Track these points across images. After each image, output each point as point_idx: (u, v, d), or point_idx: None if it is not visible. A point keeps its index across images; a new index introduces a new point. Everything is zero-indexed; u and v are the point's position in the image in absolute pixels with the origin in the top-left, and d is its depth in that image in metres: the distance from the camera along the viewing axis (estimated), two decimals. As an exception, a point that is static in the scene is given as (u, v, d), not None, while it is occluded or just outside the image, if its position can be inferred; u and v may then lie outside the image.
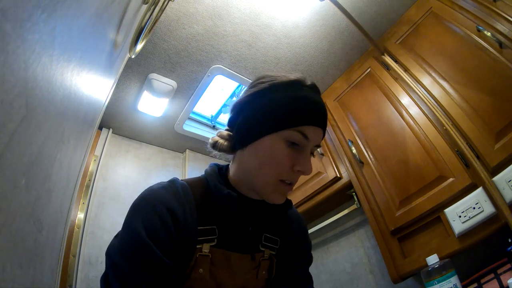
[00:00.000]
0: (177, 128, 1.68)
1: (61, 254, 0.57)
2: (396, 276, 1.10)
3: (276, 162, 0.52)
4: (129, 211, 0.51)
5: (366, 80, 1.38)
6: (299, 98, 0.54)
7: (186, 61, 1.34)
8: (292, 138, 0.52)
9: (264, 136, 0.53)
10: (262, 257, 0.60)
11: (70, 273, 1.13)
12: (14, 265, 0.24)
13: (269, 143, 0.53)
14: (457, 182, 0.98)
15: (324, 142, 1.54)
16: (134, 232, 0.47)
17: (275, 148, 0.52)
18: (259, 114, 0.54)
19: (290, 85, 0.56)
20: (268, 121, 0.53)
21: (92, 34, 0.39)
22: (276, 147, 0.52)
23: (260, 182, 0.54)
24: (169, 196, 0.52)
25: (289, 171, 0.53)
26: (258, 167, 0.54)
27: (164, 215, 0.49)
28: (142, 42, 0.67)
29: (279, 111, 0.52)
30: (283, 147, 0.52)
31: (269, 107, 0.54)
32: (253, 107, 0.56)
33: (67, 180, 0.49)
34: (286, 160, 0.52)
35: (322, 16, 1.26)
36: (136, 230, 0.47)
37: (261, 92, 0.56)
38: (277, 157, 0.52)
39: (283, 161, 0.52)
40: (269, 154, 0.53)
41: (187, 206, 0.53)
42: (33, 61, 0.22)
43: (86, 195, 1.34)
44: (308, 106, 0.53)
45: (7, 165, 0.20)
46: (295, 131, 0.52)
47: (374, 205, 1.23)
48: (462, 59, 1.05)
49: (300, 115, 0.52)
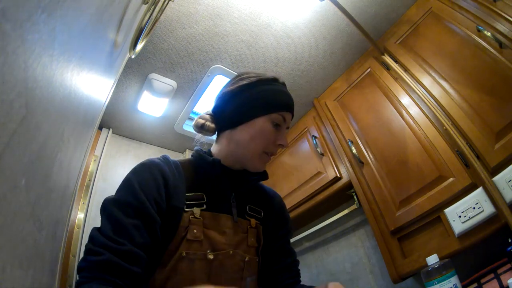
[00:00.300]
0: (177, 128, 1.68)
1: (61, 254, 0.57)
2: (396, 276, 1.10)
3: (265, 137, 0.67)
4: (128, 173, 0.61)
5: (366, 80, 1.38)
6: (281, 91, 0.71)
7: (186, 61, 1.34)
8: (277, 120, 0.68)
9: (256, 118, 0.68)
10: (249, 225, 0.70)
11: (70, 273, 1.13)
12: (14, 265, 0.24)
13: (260, 123, 0.68)
14: (457, 182, 0.98)
15: (324, 142, 1.54)
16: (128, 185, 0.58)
17: (264, 126, 0.68)
18: (251, 101, 0.69)
19: (272, 81, 0.72)
20: (260, 106, 0.68)
21: (92, 34, 0.39)
22: (265, 126, 0.68)
23: (249, 152, 0.68)
24: (162, 163, 0.64)
25: (272, 144, 0.69)
26: (248, 141, 0.67)
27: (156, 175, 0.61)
28: (142, 42, 0.67)
29: (269, 99, 0.69)
30: (270, 126, 0.68)
31: (260, 95, 0.69)
32: (245, 95, 0.70)
33: (67, 180, 0.49)
34: (272, 136, 0.68)
35: (322, 16, 1.26)
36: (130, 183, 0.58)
37: (250, 84, 0.70)
38: (266, 133, 0.67)
39: (269, 136, 0.68)
40: (259, 131, 0.67)
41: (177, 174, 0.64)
42: (33, 61, 0.22)
43: (86, 195, 1.34)
44: (286, 98, 0.71)
45: (7, 165, 0.20)
46: (279, 115, 0.68)
47: (374, 205, 1.23)
48: (462, 59, 1.05)
49: (283, 103, 0.70)
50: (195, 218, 0.60)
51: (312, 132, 1.62)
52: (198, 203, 0.63)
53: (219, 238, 0.62)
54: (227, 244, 0.63)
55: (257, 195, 0.78)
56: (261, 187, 0.82)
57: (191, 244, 0.58)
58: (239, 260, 0.64)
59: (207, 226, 0.62)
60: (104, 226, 0.53)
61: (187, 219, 0.60)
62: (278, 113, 0.68)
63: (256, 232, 0.71)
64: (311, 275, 1.73)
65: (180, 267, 0.57)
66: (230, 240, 0.64)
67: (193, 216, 0.60)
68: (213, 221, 0.63)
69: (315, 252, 1.74)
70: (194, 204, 0.62)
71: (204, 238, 0.60)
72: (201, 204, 0.63)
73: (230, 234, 0.65)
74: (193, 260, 0.58)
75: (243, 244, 0.67)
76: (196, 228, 0.60)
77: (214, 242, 0.61)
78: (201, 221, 0.61)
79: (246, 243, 0.67)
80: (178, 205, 0.60)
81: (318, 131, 1.59)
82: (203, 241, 0.60)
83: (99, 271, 0.48)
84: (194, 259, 0.58)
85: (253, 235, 0.70)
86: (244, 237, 0.68)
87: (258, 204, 0.76)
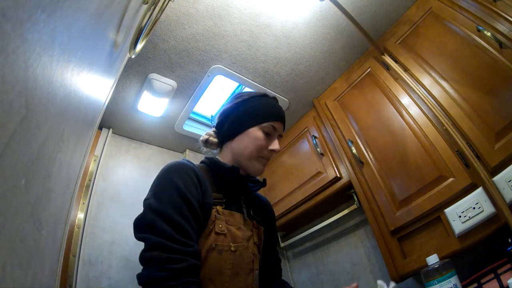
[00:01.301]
0: (177, 128, 1.68)
1: (61, 254, 0.57)
2: (396, 276, 1.10)
3: (258, 144, 0.78)
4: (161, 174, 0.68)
5: (366, 80, 1.38)
6: (270, 104, 0.83)
7: (186, 61, 1.34)
8: (267, 129, 0.79)
9: (249, 128, 0.79)
10: (253, 225, 0.80)
11: (70, 273, 1.13)
12: (14, 265, 0.24)
13: (253, 132, 0.79)
14: (457, 182, 0.98)
15: (324, 142, 1.54)
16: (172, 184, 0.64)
17: (257, 135, 0.79)
18: (245, 115, 0.81)
19: (263, 96, 0.85)
20: (251, 118, 0.80)
21: (92, 34, 0.39)
22: (258, 134, 0.79)
23: (247, 157, 0.78)
24: (192, 165, 0.72)
25: (265, 150, 0.79)
26: (245, 148, 0.78)
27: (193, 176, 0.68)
28: (142, 42, 0.67)
29: (259, 112, 0.80)
30: (262, 135, 0.79)
31: (252, 110, 0.81)
32: (239, 110, 0.82)
33: (67, 180, 0.49)
34: (264, 142, 0.79)
35: (322, 16, 1.26)
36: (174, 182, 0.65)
37: (244, 101, 0.83)
38: (258, 140, 0.78)
39: (262, 143, 0.78)
40: (253, 139, 0.78)
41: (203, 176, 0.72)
42: (33, 61, 0.22)
43: (86, 195, 1.34)
44: (275, 110, 0.83)
45: (7, 165, 0.20)
46: (269, 124, 0.80)
47: (374, 205, 1.23)
48: (462, 59, 1.05)
49: (272, 114, 0.81)
50: (219, 214, 0.70)
51: (312, 132, 1.62)
52: (220, 201, 0.73)
53: (238, 233, 0.71)
54: (243, 238, 0.72)
55: (256, 202, 0.89)
56: (258, 197, 0.93)
57: (218, 236, 0.66)
58: (251, 253, 0.73)
59: (228, 222, 0.71)
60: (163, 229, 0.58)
61: (213, 214, 0.69)
62: (268, 123, 0.80)
63: (258, 232, 0.81)
64: (311, 275, 1.73)
65: (210, 257, 0.64)
66: (244, 235, 0.73)
67: (218, 213, 0.70)
68: (231, 217, 0.73)
69: (315, 252, 1.74)
70: (217, 203, 0.72)
71: (227, 232, 0.69)
72: (221, 203, 0.73)
73: (244, 230, 0.74)
74: (221, 251, 0.65)
75: (251, 240, 0.76)
76: (221, 223, 0.68)
77: (234, 235, 0.70)
78: (224, 217, 0.70)
79: (253, 240, 0.77)
80: (209, 201, 0.69)
81: (318, 131, 1.59)
82: (227, 234, 0.68)
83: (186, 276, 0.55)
84: (222, 250, 0.66)
85: (256, 234, 0.79)
86: (251, 234, 0.77)
87: (257, 209, 0.87)
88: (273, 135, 0.81)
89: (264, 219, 0.88)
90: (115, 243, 1.32)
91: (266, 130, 0.79)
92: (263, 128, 0.79)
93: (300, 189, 1.56)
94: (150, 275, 0.54)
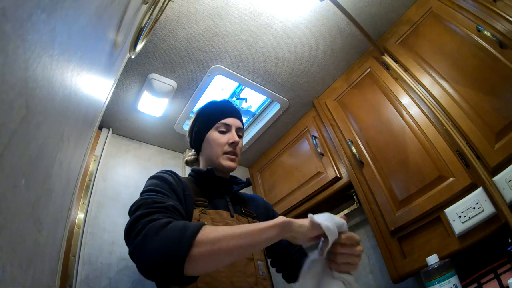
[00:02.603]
0: (177, 128, 1.68)
1: (61, 254, 0.57)
2: (396, 276, 1.10)
3: (217, 143, 0.88)
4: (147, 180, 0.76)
5: (366, 80, 1.38)
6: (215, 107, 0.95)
7: (186, 61, 1.34)
8: (220, 127, 0.90)
9: (205, 135, 0.91)
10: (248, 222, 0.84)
11: (70, 273, 1.13)
12: (14, 265, 0.24)
13: (209, 136, 0.90)
14: (457, 182, 0.98)
15: (324, 142, 1.54)
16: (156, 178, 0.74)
17: (213, 136, 0.89)
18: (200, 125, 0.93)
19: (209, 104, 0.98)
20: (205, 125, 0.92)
21: (92, 34, 0.39)
22: (214, 135, 0.89)
23: (215, 158, 0.88)
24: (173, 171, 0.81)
25: (225, 145, 0.88)
26: (210, 151, 0.89)
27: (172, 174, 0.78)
28: (142, 42, 0.67)
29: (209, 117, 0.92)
30: (217, 134, 0.89)
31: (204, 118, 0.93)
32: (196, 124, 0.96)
33: (67, 180, 0.49)
34: (222, 139, 0.89)
35: (322, 16, 1.26)
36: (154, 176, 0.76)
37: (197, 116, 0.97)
38: (216, 140, 0.89)
39: (221, 141, 0.88)
40: (212, 141, 0.89)
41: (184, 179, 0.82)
42: (33, 61, 0.22)
43: (86, 195, 1.34)
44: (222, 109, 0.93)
45: (7, 165, 0.20)
46: (220, 123, 0.90)
47: (374, 205, 1.23)
48: (462, 59, 1.05)
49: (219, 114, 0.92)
50: (203, 214, 0.75)
51: (312, 132, 1.62)
52: (203, 203, 0.79)
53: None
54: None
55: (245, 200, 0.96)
56: (247, 195, 0.99)
57: None
58: None
59: (214, 220, 0.76)
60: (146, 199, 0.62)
61: (197, 213, 0.74)
62: (219, 122, 0.90)
63: None
64: (311, 275, 1.73)
65: None
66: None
67: (202, 212, 0.75)
68: (218, 215, 0.78)
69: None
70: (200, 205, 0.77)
71: None
72: (206, 205, 0.79)
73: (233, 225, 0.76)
74: None
75: None
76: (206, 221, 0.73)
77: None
78: (209, 216, 0.75)
79: None
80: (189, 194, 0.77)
81: (318, 131, 1.59)
82: None
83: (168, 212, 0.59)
84: None
85: None
86: None
87: (248, 206, 0.93)
88: (229, 131, 0.90)
89: (259, 212, 0.93)
90: (115, 243, 1.32)
91: (220, 129, 0.89)
92: (217, 129, 0.90)
93: (300, 189, 1.56)
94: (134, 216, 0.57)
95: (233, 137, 0.88)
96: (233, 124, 0.91)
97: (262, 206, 0.98)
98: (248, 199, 0.97)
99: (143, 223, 0.54)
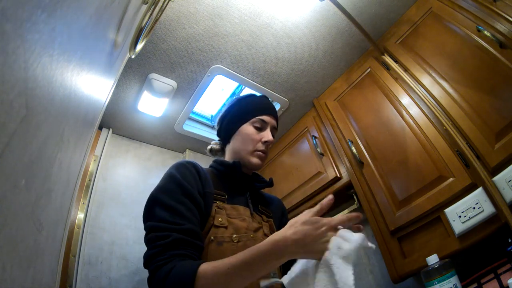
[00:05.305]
0: (177, 128, 1.68)
1: (61, 254, 0.57)
2: (396, 276, 1.10)
3: (251, 138, 0.84)
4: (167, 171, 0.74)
5: (366, 80, 1.38)
6: (256, 100, 0.90)
7: (186, 61, 1.34)
8: (256, 123, 0.86)
9: (241, 126, 0.86)
10: (262, 219, 0.82)
11: (70, 273, 1.13)
12: (14, 265, 0.24)
13: (244, 129, 0.86)
14: (457, 182, 0.98)
15: (324, 142, 1.54)
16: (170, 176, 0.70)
17: (248, 130, 0.85)
18: (235, 115, 0.89)
19: (249, 96, 0.93)
20: (241, 117, 0.87)
21: (92, 34, 0.39)
22: (249, 130, 0.85)
23: (244, 153, 0.84)
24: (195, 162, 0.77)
25: (259, 142, 0.84)
26: (240, 145, 0.85)
27: (192, 169, 0.74)
28: (142, 42, 0.67)
29: (247, 110, 0.88)
30: (252, 129, 0.85)
31: (241, 110, 0.89)
32: (230, 113, 0.90)
33: (67, 180, 0.49)
34: (256, 136, 0.85)
35: (322, 16, 1.26)
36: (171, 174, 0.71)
37: (233, 104, 0.92)
38: (250, 135, 0.85)
39: (254, 137, 0.84)
40: (245, 135, 0.85)
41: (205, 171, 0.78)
42: (33, 61, 0.22)
43: (86, 195, 1.34)
44: (261, 105, 0.89)
45: (7, 165, 0.20)
46: (257, 119, 0.86)
47: (374, 205, 1.23)
48: (462, 59, 1.05)
49: (258, 109, 0.88)
50: (219, 209, 0.73)
51: (312, 132, 1.62)
52: (221, 197, 0.77)
53: (241, 224, 0.73)
54: (248, 229, 0.74)
55: (264, 200, 0.93)
56: (266, 195, 0.97)
57: (218, 229, 0.69)
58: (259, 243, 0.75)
59: (230, 216, 0.74)
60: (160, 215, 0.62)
61: (214, 209, 0.72)
62: (256, 117, 0.86)
63: (269, 225, 0.84)
64: (311, 275, 1.73)
65: (210, 249, 0.66)
66: (250, 226, 0.75)
67: (218, 207, 0.73)
68: (234, 211, 0.76)
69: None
70: (218, 198, 0.75)
71: (228, 224, 0.71)
72: (223, 200, 0.76)
73: (249, 221, 0.76)
74: (221, 242, 0.68)
75: (260, 231, 0.78)
76: (221, 217, 0.71)
77: (237, 227, 0.72)
78: (225, 211, 0.73)
79: (263, 231, 0.79)
80: (210, 191, 0.74)
81: (318, 131, 1.59)
82: (228, 227, 0.71)
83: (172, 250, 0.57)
84: (221, 241, 0.68)
85: (267, 227, 0.82)
86: (260, 226, 0.79)
87: (265, 205, 0.90)
88: (264, 128, 0.87)
89: (275, 214, 0.92)
90: (115, 243, 1.32)
91: (256, 124, 0.86)
92: (252, 123, 0.86)
93: (300, 189, 1.56)
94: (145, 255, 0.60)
95: (268, 136, 0.85)
96: (270, 122, 0.88)
97: (279, 209, 0.96)
98: (267, 199, 0.95)
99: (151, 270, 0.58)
